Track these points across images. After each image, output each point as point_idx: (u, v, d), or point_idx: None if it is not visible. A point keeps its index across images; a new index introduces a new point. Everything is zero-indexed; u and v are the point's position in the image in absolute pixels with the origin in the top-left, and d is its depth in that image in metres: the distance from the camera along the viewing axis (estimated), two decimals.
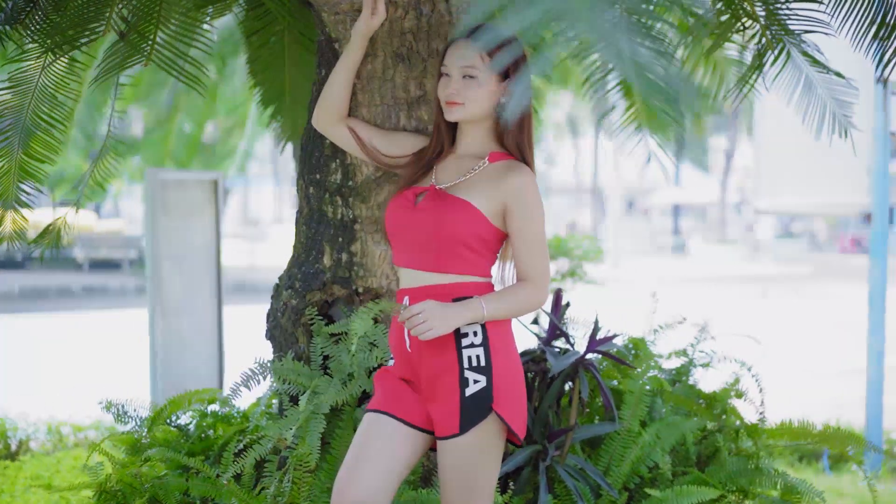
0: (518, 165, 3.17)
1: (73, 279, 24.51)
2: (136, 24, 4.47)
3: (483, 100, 3.18)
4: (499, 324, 3.14)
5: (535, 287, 3.15)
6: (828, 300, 21.16)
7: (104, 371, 12.49)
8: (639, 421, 4.33)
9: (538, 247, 3.15)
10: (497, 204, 3.14)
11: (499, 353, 3.12)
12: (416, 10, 3.83)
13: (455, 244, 3.12)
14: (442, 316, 3.04)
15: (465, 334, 3.11)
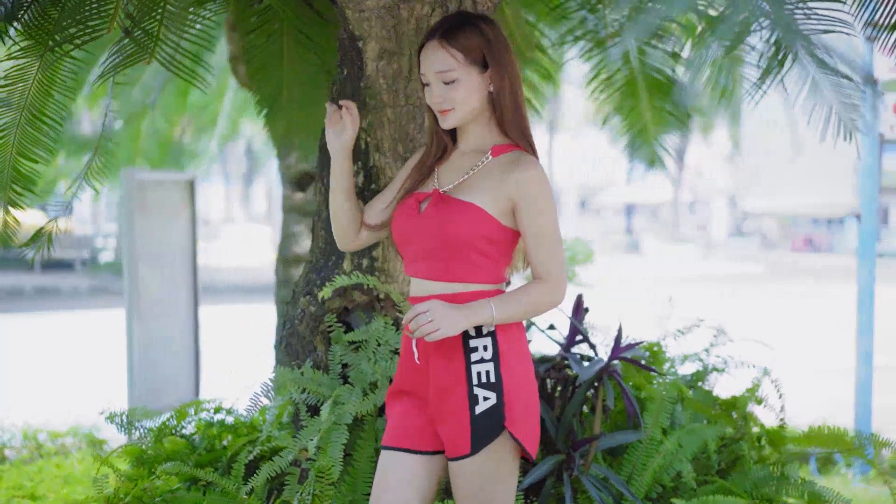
0: (523, 158, 2.98)
1: (24, 279, 24.09)
2: (140, 21, 4.32)
3: (470, 98, 3.00)
4: (511, 336, 2.98)
5: (549, 286, 2.97)
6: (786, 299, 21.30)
7: (66, 374, 12.24)
8: (660, 429, 4.24)
9: (550, 243, 2.96)
10: (504, 201, 2.95)
11: (510, 369, 2.95)
12: (442, 8, 3.72)
13: (464, 250, 2.95)
14: (448, 316, 2.88)
15: (474, 348, 2.96)
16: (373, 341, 3.90)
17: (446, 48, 2.98)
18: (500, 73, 3.00)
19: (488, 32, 3.00)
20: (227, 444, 4.42)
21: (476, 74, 2.99)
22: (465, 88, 3.00)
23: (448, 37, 2.99)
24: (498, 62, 2.99)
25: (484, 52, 2.98)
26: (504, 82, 3.00)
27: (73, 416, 8.45)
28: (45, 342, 15.20)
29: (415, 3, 3.68)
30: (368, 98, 3.77)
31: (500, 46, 3.01)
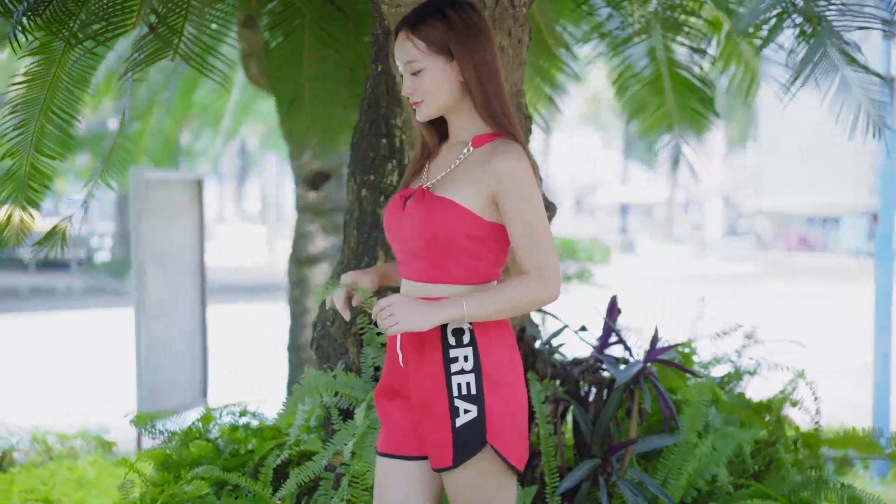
0: (504, 146, 2.79)
1: (19, 279, 23.95)
2: (165, 17, 4.24)
3: (439, 89, 2.84)
4: (493, 346, 2.82)
5: (536, 280, 2.78)
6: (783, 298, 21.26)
7: (67, 375, 12.15)
8: (696, 432, 4.17)
9: (533, 234, 2.77)
10: (485, 194, 2.77)
11: (492, 381, 2.79)
12: (479, 3, 3.63)
13: (447, 248, 2.80)
14: (410, 311, 2.74)
15: (454, 359, 2.80)
16: None
17: (410, 38, 2.85)
18: (467, 60, 2.83)
19: (454, 19, 2.84)
20: (254, 448, 4.33)
21: (442, 63, 2.83)
22: (431, 79, 2.84)
23: (412, 26, 2.86)
24: (464, 49, 2.82)
25: (448, 41, 2.83)
26: (472, 70, 2.83)
27: (79, 418, 8.38)
28: (42, 343, 15.10)
29: None
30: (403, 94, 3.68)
31: (469, 32, 2.83)
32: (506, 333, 2.87)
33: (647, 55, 5.14)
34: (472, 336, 2.81)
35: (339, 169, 7.12)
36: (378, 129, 3.77)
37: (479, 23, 2.87)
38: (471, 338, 2.81)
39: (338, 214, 7.11)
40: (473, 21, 2.85)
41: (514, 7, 3.70)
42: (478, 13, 2.88)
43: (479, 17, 2.88)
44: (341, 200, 7.11)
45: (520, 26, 3.72)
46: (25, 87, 4.42)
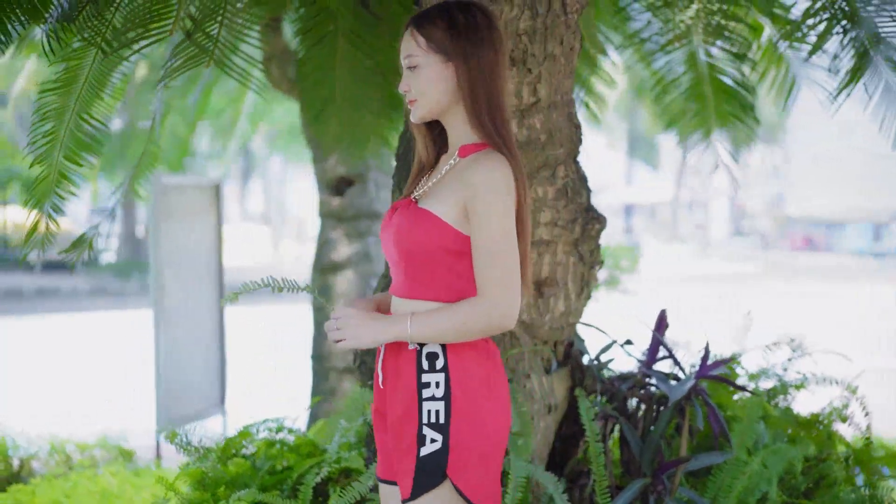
0: (482, 157, 2.67)
1: (23, 280, 23.83)
2: (202, 23, 4.14)
3: (432, 88, 2.74)
4: (468, 374, 2.66)
5: (481, 304, 2.61)
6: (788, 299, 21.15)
7: (79, 379, 12.04)
8: (745, 449, 4.06)
9: (490, 250, 2.61)
10: (461, 205, 2.65)
11: (462, 410, 2.64)
12: (531, 10, 3.54)
13: (423, 263, 2.69)
14: (358, 325, 2.65)
15: (426, 384, 2.66)
16: None
17: (414, 34, 2.76)
18: (463, 62, 2.71)
19: (458, 20, 2.74)
20: (291, 465, 4.23)
21: (438, 63, 2.73)
22: (425, 77, 2.74)
23: (418, 22, 2.77)
24: (461, 51, 2.71)
25: (447, 40, 2.72)
26: (466, 73, 2.71)
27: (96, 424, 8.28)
28: (51, 346, 14.98)
29: (503, 5, 3.49)
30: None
31: (470, 35, 2.72)
32: (484, 359, 2.71)
33: (687, 61, 5.04)
34: (446, 361, 2.67)
35: (364, 175, 7.01)
36: None
37: (485, 27, 2.76)
38: (444, 363, 2.67)
39: (362, 221, 7.00)
40: (478, 24, 2.75)
41: (567, 14, 3.60)
42: (488, 18, 2.78)
43: (487, 22, 2.77)
44: (365, 207, 7.01)
45: (571, 34, 3.63)
46: (55, 94, 4.33)
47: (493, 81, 2.74)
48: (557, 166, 3.68)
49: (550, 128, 3.64)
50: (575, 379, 3.95)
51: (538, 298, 3.75)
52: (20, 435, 7.44)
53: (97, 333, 16.24)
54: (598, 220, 3.82)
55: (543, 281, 3.75)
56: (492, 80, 2.74)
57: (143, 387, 10.61)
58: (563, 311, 3.81)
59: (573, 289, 3.82)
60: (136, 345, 14.05)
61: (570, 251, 3.77)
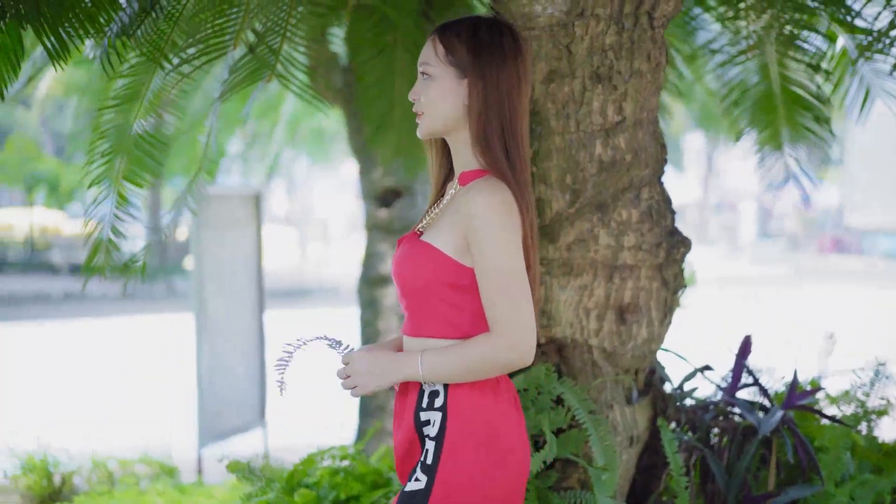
0: (479, 185, 2.53)
1: (51, 284, 23.78)
2: (264, 37, 4.00)
3: (441, 102, 2.60)
4: (465, 417, 2.52)
5: (493, 339, 2.48)
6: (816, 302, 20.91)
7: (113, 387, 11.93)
8: (833, 482, 3.89)
9: (497, 286, 2.47)
10: (460, 236, 2.52)
11: (454, 455, 2.50)
12: (617, 25, 3.37)
13: (422, 298, 2.56)
14: (367, 370, 2.54)
15: (425, 422, 2.54)
16: (533, 389, 3.55)
17: (434, 42, 2.62)
18: (480, 81, 2.56)
19: (481, 36, 2.59)
20: (357, 495, 4.08)
21: (452, 77, 2.59)
22: (437, 88, 2.59)
23: (442, 31, 2.64)
24: (480, 70, 2.56)
25: (466, 55, 2.57)
26: (478, 93, 2.56)
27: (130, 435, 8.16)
28: (83, 352, 14.87)
29: (589, 20, 3.33)
30: (534, 124, 3.43)
31: (491, 53, 2.57)
32: (488, 400, 2.55)
33: (759, 71, 4.88)
34: (445, 401, 2.53)
35: (412, 186, 6.87)
36: None
37: (511, 50, 2.61)
38: (443, 402, 2.53)
39: None
40: (502, 45, 2.59)
41: (653, 28, 3.44)
42: (516, 42, 2.62)
43: (514, 46, 2.61)
44: (413, 219, 6.87)
45: (657, 49, 3.47)
46: (114, 112, 4.21)
47: (512, 107, 2.59)
48: (642, 188, 3.52)
49: (636, 147, 3.48)
50: (657, 408, 3.78)
51: (620, 325, 3.59)
52: (61, 451, 7.33)
53: (127, 339, 16.14)
54: (684, 243, 3.66)
55: (626, 307, 3.59)
56: (510, 105, 2.59)
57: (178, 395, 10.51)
58: (645, 338, 3.65)
59: (656, 315, 3.65)
60: (166, 351, 13.96)
61: (654, 276, 3.61)
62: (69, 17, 3.66)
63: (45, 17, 3.50)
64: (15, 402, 11.12)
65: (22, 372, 13.11)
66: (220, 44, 3.91)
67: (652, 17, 3.43)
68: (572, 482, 3.55)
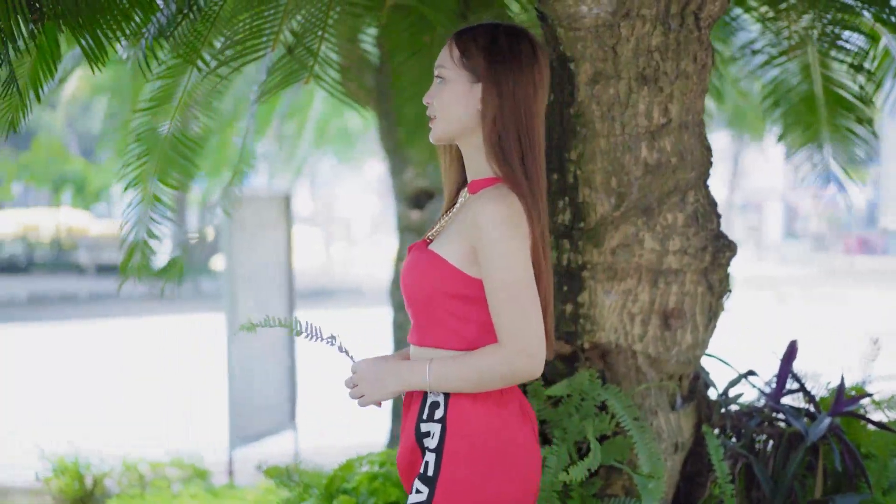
0: (488, 194, 2.47)
1: (77, 285, 23.84)
2: (302, 38, 3.97)
3: (453, 106, 2.54)
4: (466, 428, 2.47)
5: (501, 349, 2.42)
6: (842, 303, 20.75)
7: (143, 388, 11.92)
8: (881, 489, 3.82)
9: (505, 296, 2.41)
10: (467, 246, 2.47)
11: (454, 468, 2.46)
12: (663, 26, 3.32)
13: (427, 308, 2.52)
14: (373, 379, 2.51)
15: (426, 433, 2.50)
16: (576, 396, 3.50)
17: (451, 45, 2.58)
18: (494, 87, 2.50)
19: (500, 41, 2.53)
20: (396, 501, 4.03)
21: (466, 81, 2.53)
22: (451, 91, 2.54)
23: (459, 34, 2.59)
24: (494, 76, 2.51)
25: (482, 61, 2.52)
26: (492, 99, 2.50)
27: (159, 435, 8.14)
28: (111, 352, 14.89)
29: (635, 21, 3.28)
30: (579, 127, 3.38)
31: (507, 60, 2.52)
32: (489, 410, 2.49)
33: (800, 72, 4.81)
34: (446, 412, 2.49)
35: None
36: (549, 164, 3.46)
37: (528, 57, 2.55)
38: (443, 414, 2.49)
39: None
40: (520, 52, 2.54)
41: (699, 29, 3.38)
42: (534, 51, 2.56)
43: (532, 54, 2.55)
44: None
45: (703, 50, 3.41)
46: (149, 115, 4.18)
47: (528, 114, 2.53)
48: (688, 191, 3.47)
49: (681, 150, 3.42)
50: (701, 415, 3.72)
51: (665, 331, 3.54)
52: (92, 453, 7.32)
53: (154, 339, 16.15)
54: (730, 247, 3.60)
55: (670, 312, 3.53)
56: (526, 112, 2.52)
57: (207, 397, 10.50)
58: (690, 344, 3.59)
59: (701, 320, 3.60)
60: (193, 351, 13.96)
61: (699, 280, 3.55)
62: (106, 18, 3.63)
63: (83, 17, 3.47)
64: (44, 404, 11.14)
65: (49, 372, 13.13)
66: (257, 45, 3.88)
67: (698, 17, 3.37)
68: (616, 489, 3.51)
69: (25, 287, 22.97)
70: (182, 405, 10.91)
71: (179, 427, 9.71)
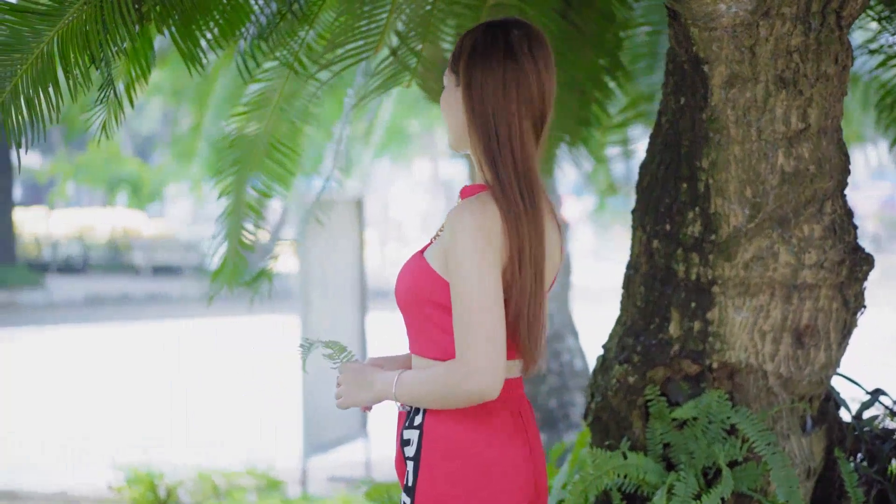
0: (466, 202, 2.32)
1: (132, 286, 23.86)
2: (406, 38, 3.80)
3: (444, 108, 2.42)
4: (443, 435, 2.34)
5: (454, 366, 2.26)
6: None
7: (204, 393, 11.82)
8: None
9: (463, 309, 2.25)
10: (444, 255, 2.33)
11: (432, 477, 2.34)
12: (804, 25, 3.11)
13: (414, 316, 2.40)
14: (352, 382, 2.42)
15: (406, 441, 2.39)
16: (703, 418, 3.30)
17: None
18: (467, 89, 2.34)
19: (479, 40, 2.36)
20: None
21: (453, 85, 2.40)
22: (444, 98, 2.43)
23: (461, 36, 2.45)
24: (467, 77, 2.35)
25: (461, 61, 2.36)
26: (469, 102, 2.34)
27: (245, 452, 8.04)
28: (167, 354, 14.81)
29: (774, 20, 3.07)
30: (712, 132, 3.17)
31: (479, 60, 2.34)
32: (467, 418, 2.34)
33: None
34: (423, 418, 2.35)
35: None
36: (678, 172, 3.26)
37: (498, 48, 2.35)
38: (421, 420, 2.35)
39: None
40: (492, 44, 2.35)
41: (840, 28, 3.17)
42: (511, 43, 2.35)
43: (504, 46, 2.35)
44: None
45: (844, 50, 3.19)
46: (245, 120, 4.03)
47: (497, 116, 2.32)
48: (825, 201, 3.25)
49: (820, 157, 3.21)
50: (832, 438, 3.51)
51: (797, 349, 3.32)
52: (164, 462, 7.22)
53: (211, 341, 16.09)
54: (867, 260, 3.38)
55: (803, 330, 3.32)
56: (496, 114, 2.32)
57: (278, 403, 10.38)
58: (823, 363, 3.37)
59: (835, 338, 3.38)
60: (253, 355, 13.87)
61: (834, 296, 3.33)
62: (206, 20, 3.49)
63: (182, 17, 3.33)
64: (111, 409, 11.06)
65: (113, 376, 13.07)
66: (361, 48, 3.71)
67: (840, 15, 3.16)
68: None
69: (82, 288, 23.02)
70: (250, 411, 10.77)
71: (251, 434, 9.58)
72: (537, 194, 2.35)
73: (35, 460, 8.64)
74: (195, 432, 9.78)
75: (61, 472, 8.22)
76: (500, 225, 2.29)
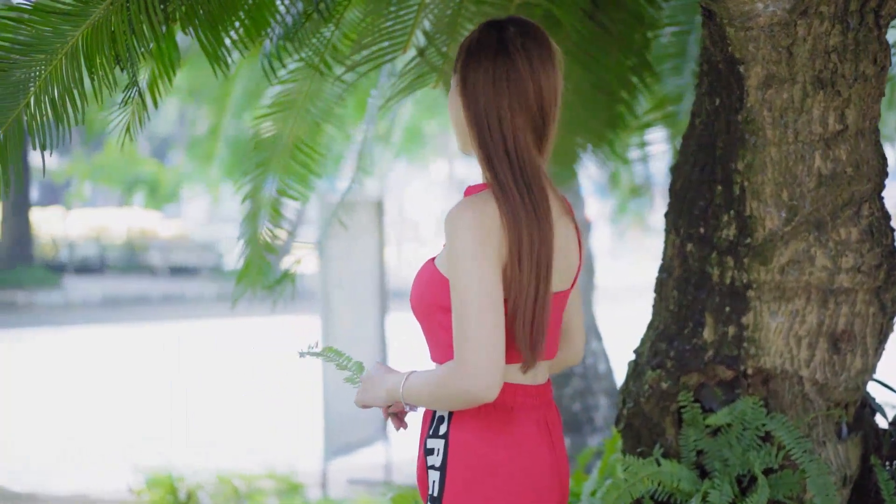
0: (462, 201, 2.29)
1: (148, 286, 23.88)
2: (433, 38, 3.75)
3: (449, 109, 2.40)
4: (467, 445, 2.30)
5: (451, 367, 2.22)
6: None
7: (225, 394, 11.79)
8: None
9: (457, 312, 2.20)
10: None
11: (458, 487, 2.30)
12: (842, 24, 3.04)
13: (426, 321, 2.37)
14: (370, 385, 2.41)
15: (430, 450, 2.34)
16: (738, 425, 3.24)
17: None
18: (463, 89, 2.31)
19: (474, 38, 2.35)
20: None
21: (455, 85, 2.37)
22: (449, 98, 2.40)
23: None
24: (462, 75, 2.33)
25: (459, 61, 2.35)
26: (464, 101, 2.31)
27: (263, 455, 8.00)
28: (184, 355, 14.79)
29: (812, 19, 3.01)
30: (748, 134, 3.11)
31: (472, 57, 2.32)
32: (493, 425, 2.31)
33: None
34: (448, 427, 2.31)
35: None
36: (712, 174, 3.20)
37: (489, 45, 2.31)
38: (446, 429, 2.31)
39: None
40: (485, 42, 2.32)
41: (879, 28, 3.10)
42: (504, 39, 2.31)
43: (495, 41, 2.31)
44: None
45: (883, 50, 3.13)
46: (269, 121, 3.98)
47: (488, 113, 2.28)
48: (862, 204, 3.19)
49: (857, 159, 3.15)
50: (868, 445, 3.44)
51: (833, 355, 3.26)
52: (185, 464, 7.19)
53: (227, 342, 16.07)
54: None
55: (840, 335, 3.26)
56: (487, 111, 2.28)
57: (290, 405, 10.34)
58: (859, 369, 3.31)
59: (871, 343, 3.31)
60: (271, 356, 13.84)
61: (871, 300, 3.26)
62: (231, 20, 3.45)
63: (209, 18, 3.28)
64: (129, 410, 11.04)
65: (131, 376, 13.06)
66: (388, 48, 3.66)
67: (878, 14, 3.09)
68: None
69: (99, 288, 23.04)
70: (270, 414, 10.73)
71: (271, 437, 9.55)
72: (540, 191, 2.30)
73: (54, 462, 8.62)
74: (214, 435, 9.74)
75: (81, 474, 8.20)
76: (498, 223, 2.25)
